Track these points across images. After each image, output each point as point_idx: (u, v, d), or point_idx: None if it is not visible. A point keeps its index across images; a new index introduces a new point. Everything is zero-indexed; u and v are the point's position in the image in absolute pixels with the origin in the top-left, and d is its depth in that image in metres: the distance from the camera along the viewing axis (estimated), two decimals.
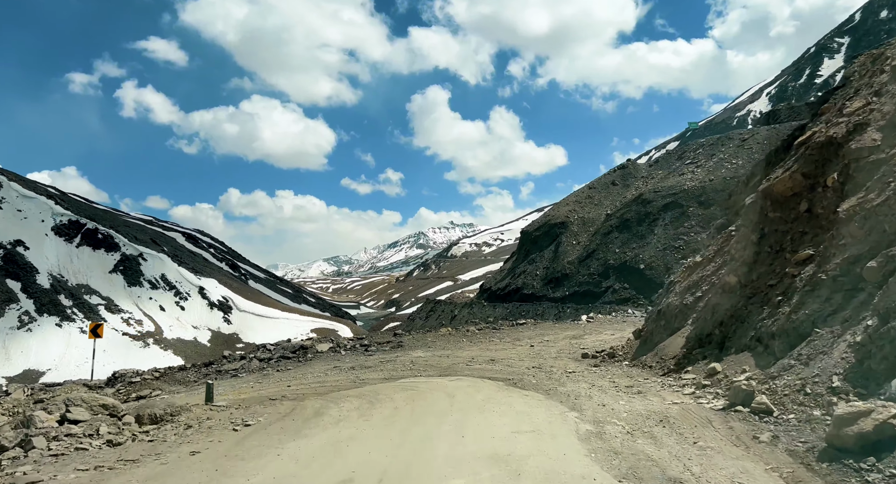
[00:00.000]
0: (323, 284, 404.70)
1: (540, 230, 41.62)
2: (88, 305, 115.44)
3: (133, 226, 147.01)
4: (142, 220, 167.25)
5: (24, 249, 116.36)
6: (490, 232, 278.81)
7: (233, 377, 16.34)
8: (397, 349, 19.91)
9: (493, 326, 25.00)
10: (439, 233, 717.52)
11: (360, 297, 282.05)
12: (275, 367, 17.60)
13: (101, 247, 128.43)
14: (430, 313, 48.26)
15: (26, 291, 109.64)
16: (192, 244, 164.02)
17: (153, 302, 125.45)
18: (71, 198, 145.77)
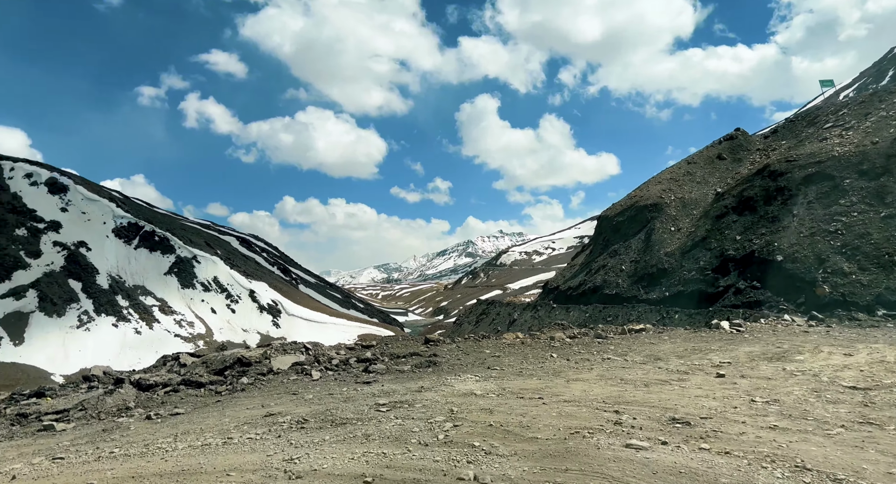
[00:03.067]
0: (372, 291, 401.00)
1: (624, 215, 32.26)
2: (143, 306, 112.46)
3: (189, 229, 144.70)
4: (198, 224, 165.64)
5: (86, 249, 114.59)
6: (540, 241, 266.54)
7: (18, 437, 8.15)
8: (425, 370, 11.38)
9: (595, 334, 16.03)
10: (488, 242, 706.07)
11: (409, 304, 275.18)
12: (157, 404, 9.43)
13: (158, 249, 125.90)
14: (482, 317, 39.59)
15: (86, 291, 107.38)
16: (245, 248, 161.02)
17: (205, 304, 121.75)
18: (132, 201, 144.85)
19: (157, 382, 10.60)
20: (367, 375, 11.25)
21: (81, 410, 9.03)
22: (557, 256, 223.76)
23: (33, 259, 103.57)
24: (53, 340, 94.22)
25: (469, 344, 14.83)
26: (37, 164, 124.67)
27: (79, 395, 9.99)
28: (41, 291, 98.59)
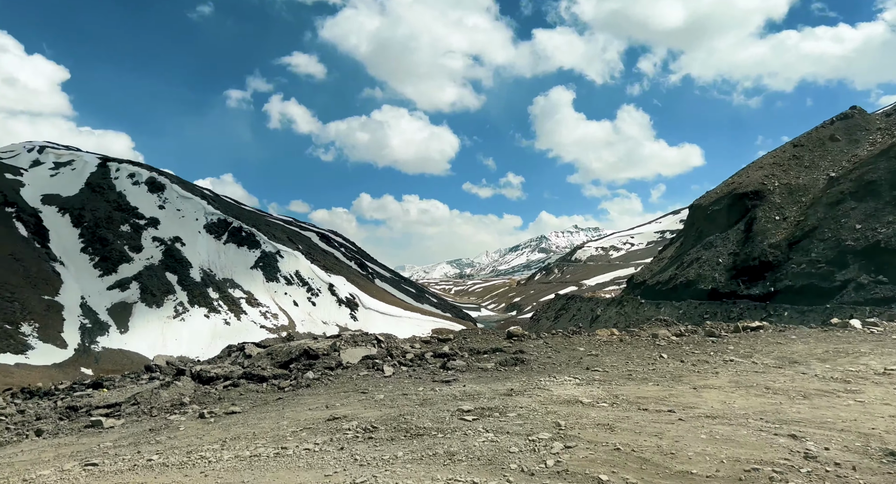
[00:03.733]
0: (445, 286, 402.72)
1: (720, 203, 29.03)
2: (232, 299, 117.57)
3: (273, 225, 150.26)
4: (281, 220, 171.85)
5: (181, 245, 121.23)
6: (618, 236, 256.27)
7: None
8: (512, 369, 9.67)
9: (707, 331, 13.71)
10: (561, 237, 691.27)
11: (481, 299, 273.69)
12: (213, 401, 8.24)
13: (245, 244, 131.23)
14: (561, 312, 37.26)
15: (181, 284, 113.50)
16: (324, 243, 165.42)
17: (288, 297, 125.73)
18: (222, 199, 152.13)
19: (218, 374, 9.58)
20: (446, 372, 9.73)
21: (134, 404, 8.10)
22: (636, 251, 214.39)
23: (136, 253, 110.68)
24: (153, 329, 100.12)
25: (558, 340, 12.99)
26: (138, 164, 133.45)
27: (136, 386, 9.16)
28: (142, 283, 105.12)
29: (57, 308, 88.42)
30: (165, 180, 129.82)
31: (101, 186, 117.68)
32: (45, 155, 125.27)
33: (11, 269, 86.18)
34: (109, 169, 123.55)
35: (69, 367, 76.33)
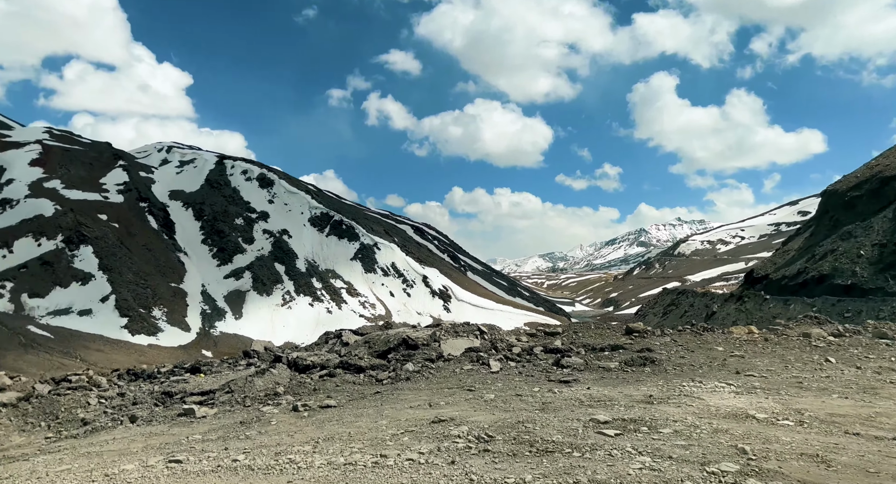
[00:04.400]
0: (537, 279, 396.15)
1: (861, 189, 25.06)
2: (334, 288, 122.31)
3: (371, 218, 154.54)
4: (378, 213, 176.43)
5: (287, 237, 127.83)
6: (726, 229, 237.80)
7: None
8: (641, 370, 8.09)
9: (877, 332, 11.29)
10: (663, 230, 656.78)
11: (575, 294, 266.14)
12: (308, 392, 7.38)
13: (345, 237, 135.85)
14: (670, 308, 34.21)
15: (288, 274, 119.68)
16: (419, 236, 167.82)
17: (384, 288, 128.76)
18: (324, 194, 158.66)
19: (314, 362, 8.89)
20: (561, 370, 8.38)
21: (228, 392, 7.54)
22: (747, 245, 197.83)
23: (248, 245, 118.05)
24: (264, 316, 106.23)
25: (688, 337, 11.15)
26: (250, 161, 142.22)
27: (232, 372, 8.72)
28: (254, 272, 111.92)
29: (182, 295, 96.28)
30: (274, 176, 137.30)
31: (218, 182, 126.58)
32: (171, 154, 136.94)
33: (145, 258, 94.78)
34: (225, 166, 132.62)
35: (192, 349, 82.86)
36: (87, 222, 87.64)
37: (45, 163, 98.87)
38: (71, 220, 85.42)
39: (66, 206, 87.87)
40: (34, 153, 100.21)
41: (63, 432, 6.53)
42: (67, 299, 78.12)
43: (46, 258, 79.22)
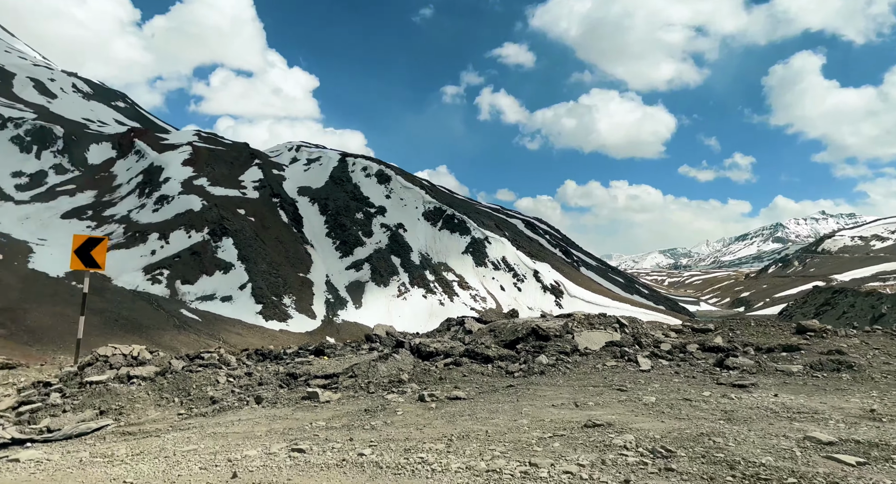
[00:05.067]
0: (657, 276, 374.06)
1: None
2: (446, 281, 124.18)
3: (482, 213, 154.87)
4: (489, 208, 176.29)
5: (403, 231, 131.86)
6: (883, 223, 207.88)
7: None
8: (837, 377, 6.38)
9: None
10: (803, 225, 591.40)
11: (700, 292, 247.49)
12: (433, 380, 6.54)
13: (457, 231, 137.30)
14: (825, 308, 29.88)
15: (404, 266, 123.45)
16: (530, 230, 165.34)
17: (495, 282, 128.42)
18: (437, 189, 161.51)
19: (438, 349, 8.23)
20: (727, 372, 6.95)
21: (351, 376, 7.08)
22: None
23: (367, 238, 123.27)
24: (381, 306, 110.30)
25: (883, 340, 9.04)
26: (369, 158, 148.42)
27: (355, 356, 8.33)
28: (373, 264, 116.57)
29: (308, 284, 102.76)
30: (391, 172, 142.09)
31: (341, 179, 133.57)
32: (300, 153, 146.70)
33: (277, 250, 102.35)
34: (347, 163, 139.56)
35: (317, 335, 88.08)
36: (229, 216, 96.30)
37: (195, 162, 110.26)
38: (215, 214, 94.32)
39: (212, 201, 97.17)
40: (186, 154, 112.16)
41: (193, 409, 6.39)
42: (212, 286, 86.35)
43: (195, 249, 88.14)
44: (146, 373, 7.07)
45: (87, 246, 8.52)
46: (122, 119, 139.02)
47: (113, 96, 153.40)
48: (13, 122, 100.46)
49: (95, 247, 8.55)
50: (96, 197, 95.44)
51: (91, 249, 8.50)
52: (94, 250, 8.50)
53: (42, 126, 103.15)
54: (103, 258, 8.56)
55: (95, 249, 8.53)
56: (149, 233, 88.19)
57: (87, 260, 8.54)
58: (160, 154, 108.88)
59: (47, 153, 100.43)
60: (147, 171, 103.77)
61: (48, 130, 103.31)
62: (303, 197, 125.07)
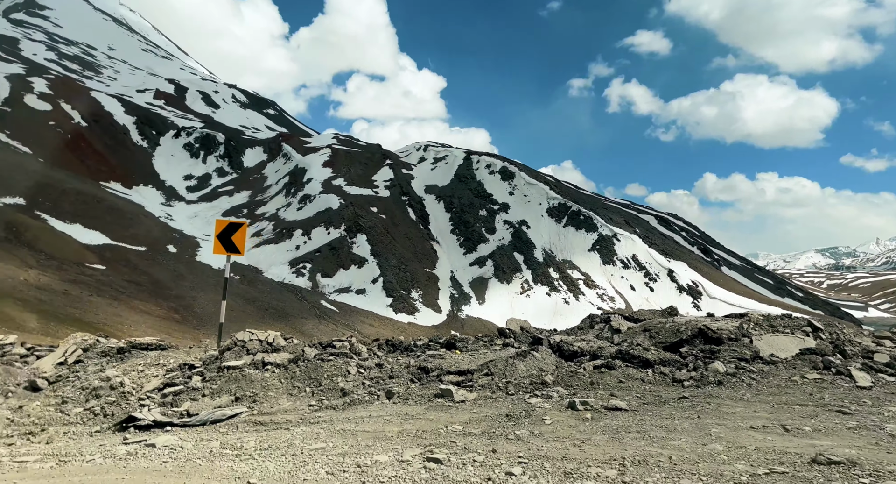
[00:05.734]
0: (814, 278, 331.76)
1: None
2: (570, 279, 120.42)
3: (610, 209, 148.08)
4: (618, 203, 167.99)
5: (526, 227, 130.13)
6: None
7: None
8: None
9: None
10: None
11: (868, 297, 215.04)
12: (583, 385, 5.25)
13: (582, 227, 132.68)
14: None
15: (527, 263, 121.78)
16: (663, 227, 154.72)
17: (624, 281, 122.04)
18: (562, 184, 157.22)
19: (583, 349, 7.14)
20: None
21: (487, 374, 6.28)
22: None
23: (490, 235, 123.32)
24: (504, 302, 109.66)
25: None
26: (493, 155, 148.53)
27: (489, 351, 7.53)
28: (496, 261, 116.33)
29: (434, 279, 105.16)
30: (515, 169, 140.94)
31: (465, 176, 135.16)
32: (427, 152, 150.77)
33: (405, 245, 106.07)
34: (472, 161, 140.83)
35: (443, 329, 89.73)
36: (363, 214, 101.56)
37: (333, 164, 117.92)
38: (351, 212, 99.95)
39: (348, 200, 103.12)
40: (325, 156, 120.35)
41: (324, 401, 5.99)
42: (348, 280, 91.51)
43: (333, 244, 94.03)
44: (280, 360, 6.86)
45: (229, 231, 8.67)
46: (273, 125, 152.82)
47: (265, 105, 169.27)
48: (185, 131, 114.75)
49: (236, 232, 8.67)
50: (250, 197, 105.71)
51: (232, 233, 8.64)
52: (234, 235, 8.63)
53: (208, 134, 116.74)
54: (243, 243, 8.65)
55: (236, 235, 8.65)
56: (294, 229, 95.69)
57: (229, 245, 8.69)
58: (304, 157, 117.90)
59: (211, 158, 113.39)
60: (292, 172, 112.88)
61: (212, 137, 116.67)
62: (429, 195, 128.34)
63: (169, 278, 59.08)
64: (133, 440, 4.81)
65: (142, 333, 34.61)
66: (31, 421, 5.49)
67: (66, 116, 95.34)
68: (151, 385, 6.36)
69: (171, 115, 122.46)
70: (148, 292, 52.26)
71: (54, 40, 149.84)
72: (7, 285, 38.36)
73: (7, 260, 43.85)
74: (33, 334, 28.67)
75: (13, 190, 59.35)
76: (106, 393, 6.09)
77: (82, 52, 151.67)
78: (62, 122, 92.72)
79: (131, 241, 65.12)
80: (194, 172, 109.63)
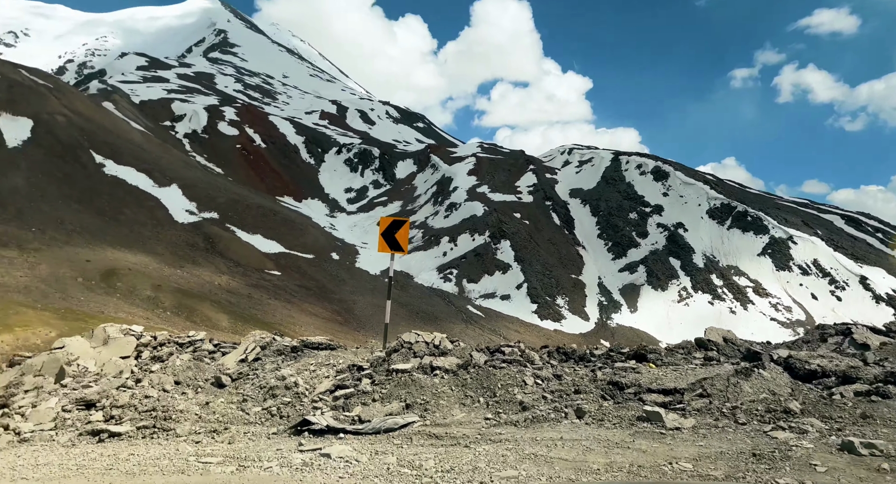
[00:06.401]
0: None
1: None
2: (737, 287, 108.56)
3: (783, 208, 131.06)
4: (793, 202, 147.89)
5: (683, 231, 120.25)
6: None
7: None
8: None
9: None
10: None
11: None
12: (849, 421, 3.55)
13: (750, 229, 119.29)
14: None
15: (684, 269, 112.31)
16: (852, 227, 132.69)
17: (803, 289, 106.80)
18: (725, 183, 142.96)
19: (826, 368, 5.48)
20: None
21: (702, 395, 5.00)
22: None
23: (641, 239, 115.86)
24: (658, 311, 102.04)
25: None
26: (644, 155, 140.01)
27: (689, 366, 6.16)
28: (648, 267, 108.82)
29: (580, 286, 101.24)
30: (669, 168, 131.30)
31: (613, 178, 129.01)
32: (572, 155, 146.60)
33: (549, 251, 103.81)
34: (620, 162, 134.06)
35: (591, 337, 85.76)
36: (506, 220, 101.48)
37: (478, 171, 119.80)
38: (494, 218, 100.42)
39: (491, 207, 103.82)
40: (470, 164, 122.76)
41: (501, 415, 5.19)
42: (492, 285, 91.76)
43: (478, 251, 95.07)
44: (448, 365, 6.24)
45: (392, 228, 8.41)
46: (422, 138, 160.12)
47: (415, 119, 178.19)
48: (346, 148, 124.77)
49: (399, 229, 8.37)
50: (402, 206, 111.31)
51: (395, 231, 8.35)
52: (397, 233, 8.35)
53: (365, 149, 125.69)
54: (406, 241, 8.33)
55: (399, 232, 8.36)
56: (441, 236, 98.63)
57: (392, 243, 8.42)
58: (450, 166, 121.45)
59: (368, 171, 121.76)
60: (439, 182, 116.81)
61: (369, 152, 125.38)
62: (574, 199, 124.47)
63: (332, 283, 63.89)
64: (308, 448, 4.44)
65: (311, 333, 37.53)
66: (215, 418, 5.47)
67: (249, 139, 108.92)
68: (323, 386, 6.11)
69: (333, 133, 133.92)
70: (315, 296, 56.87)
71: (241, 73, 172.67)
72: (205, 289, 44.16)
73: (205, 267, 50.63)
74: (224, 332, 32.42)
75: (210, 205, 68.67)
76: (281, 393, 5.96)
77: (262, 81, 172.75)
78: (246, 145, 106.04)
79: (301, 249, 71.74)
80: (353, 185, 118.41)
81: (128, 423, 5.31)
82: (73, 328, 22.71)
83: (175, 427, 5.14)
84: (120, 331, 8.02)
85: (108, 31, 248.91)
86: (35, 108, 62.45)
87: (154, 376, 6.44)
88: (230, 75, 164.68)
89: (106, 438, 5.03)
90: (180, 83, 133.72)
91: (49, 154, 57.74)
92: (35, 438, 5.08)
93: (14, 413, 5.71)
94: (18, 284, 32.81)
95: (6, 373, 7.06)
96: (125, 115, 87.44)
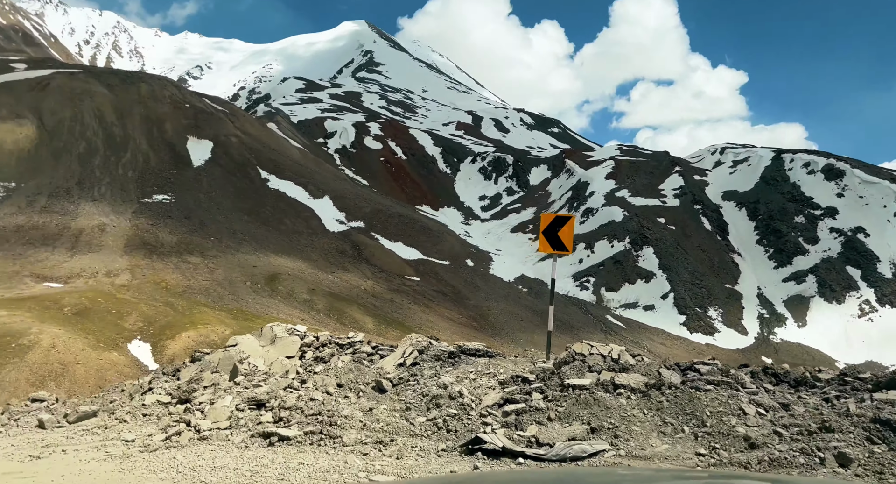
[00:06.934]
0: None
1: None
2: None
3: None
4: None
5: (864, 235, 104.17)
6: None
7: None
8: None
9: None
10: None
11: None
12: None
13: None
14: None
15: (866, 279, 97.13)
16: None
17: None
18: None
19: None
20: None
21: None
22: None
23: (811, 245, 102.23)
24: (833, 326, 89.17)
25: None
26: (813, 152, 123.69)
27: None
28: (819, 276, 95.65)
29: (736, 296, 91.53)
30: (845, 166, 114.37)
31: (774, 179, 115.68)
32: (724, 155, 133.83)
33: (699, 259, 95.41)
34: (783, 161, 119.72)
35: (750, 353, 76.80)
36: (649, 226, 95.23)
37: (616, 175, 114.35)
38: (635, 224, 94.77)
39: (632, 211, 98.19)
40: (608, 168, 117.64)
41: (719, 451, 4.09)
42: (634, 295, 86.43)
43: (617, 258, 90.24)
44: (634, 383, 5.25)
45: (555, 225, 7.55)
46: (556, 143, 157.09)
47: (549, 124, 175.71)
48: (480, 156, 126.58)
49: (563, 226, 7.49)
50: (535, 213, 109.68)
51: (558, 229, 7.49)
52: (561, 231, 7.47)
53: (499, 157, 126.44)
54: (571, 239, 7.42)
55: (562, 230, 7.48)
56: (577, 243, 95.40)
57: (555, 242, 7.56)
58: (586, 171, 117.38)
59: (502, 179, 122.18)
60: (575, 187, 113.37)
61: (503, 160, 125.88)
62: (727, 202, 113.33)
63: (468, 289, 64.43)
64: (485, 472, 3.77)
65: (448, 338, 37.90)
66: (380, 427, 5.10)
67: (391, 152, 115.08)
68: (490, 399, 5.47)
69: (468, 143, 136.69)
70: (451, 301, 57.70)
71: (384, 90, 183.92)
72: (353, 293, 46.87)
73: (353, 272, 53.84)
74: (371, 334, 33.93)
75: (357, 215, 73.25)
76: (446, 403, 5.43)
77: (403, 97, 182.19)
78: (388, 157, 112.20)
79: (438, 255, 73.55)
80: (487, 193, 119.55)
81: (295, 426, 5.15)
82: (243, 327, 25.15)
83: (341, 434, 4.85)
84: (286, 330, 8.20)
85: (272, 59, 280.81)
86: (215, 131, 71.67)
87: (318, 378, 6.32)
88: (375, 93, 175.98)
89: (276, 441, 4.89)
90: (332, 102, 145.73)
91: (225, 171, 65.74)
92: (213, 437, 5.11)
93: (195, 409, 5.89)
94: (201, 287, 37.43)
95: (189, 368, 7.51)
96: (286, 134, 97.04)
